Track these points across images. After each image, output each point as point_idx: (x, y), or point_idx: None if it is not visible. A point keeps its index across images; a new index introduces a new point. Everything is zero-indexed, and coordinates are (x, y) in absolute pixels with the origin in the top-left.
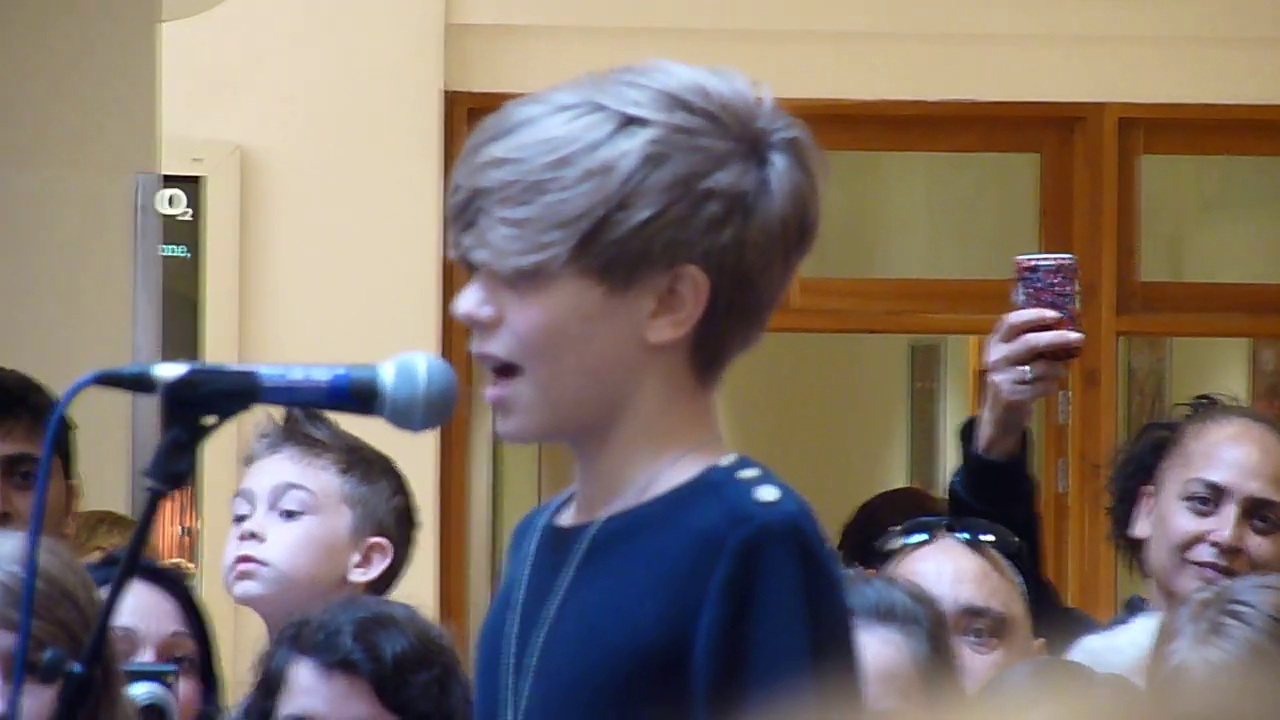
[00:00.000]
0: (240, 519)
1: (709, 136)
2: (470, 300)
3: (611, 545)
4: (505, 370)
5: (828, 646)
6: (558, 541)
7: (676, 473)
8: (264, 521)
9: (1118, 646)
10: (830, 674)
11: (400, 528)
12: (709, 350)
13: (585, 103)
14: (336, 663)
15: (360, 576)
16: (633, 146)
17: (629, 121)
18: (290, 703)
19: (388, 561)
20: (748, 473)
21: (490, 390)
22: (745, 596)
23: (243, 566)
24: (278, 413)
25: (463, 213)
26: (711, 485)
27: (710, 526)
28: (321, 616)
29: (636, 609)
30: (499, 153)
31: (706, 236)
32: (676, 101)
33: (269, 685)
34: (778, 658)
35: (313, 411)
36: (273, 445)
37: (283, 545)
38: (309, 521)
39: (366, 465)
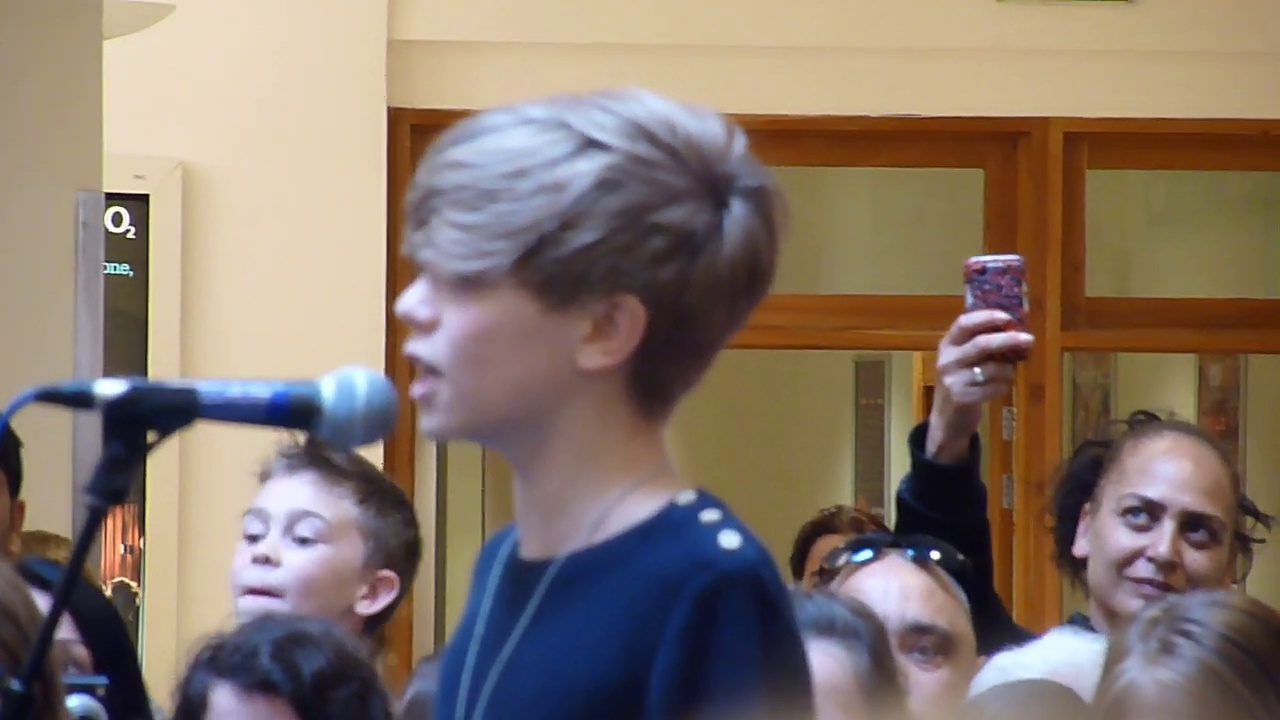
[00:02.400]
0: (252, 538)
1: (667, 171)
2: (411, 299)
3: (571, 585)
4: (430, 370)
5: (782, 697)
6: (519, 575)
7: (631, 507)
8: (278, 545)
9: (1027, 664)
10: None
11: (408, 561)
12: (647, 384)
13: (552, 120)
14: (256, 684)
15: (366, 609)
16: (589, 169)
17: (590, 144)
18: None
19: (393, 595)
20: (709, 515)
21: (416, 386)
22: (702, 643)
23: (251, 600)
24: (299, 434)
25: (417, 210)
26: (671, 526)
27: (670, 570)
28: (237, 638)
29: (594, 649)
30: (459, 156)
31: (648, 269)
32: (641, 131)
33: (189, 710)
34: (731, 706)
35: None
36: (292, 467)
37: (294, 573)
38: (322, 550)
39: (382, 496)
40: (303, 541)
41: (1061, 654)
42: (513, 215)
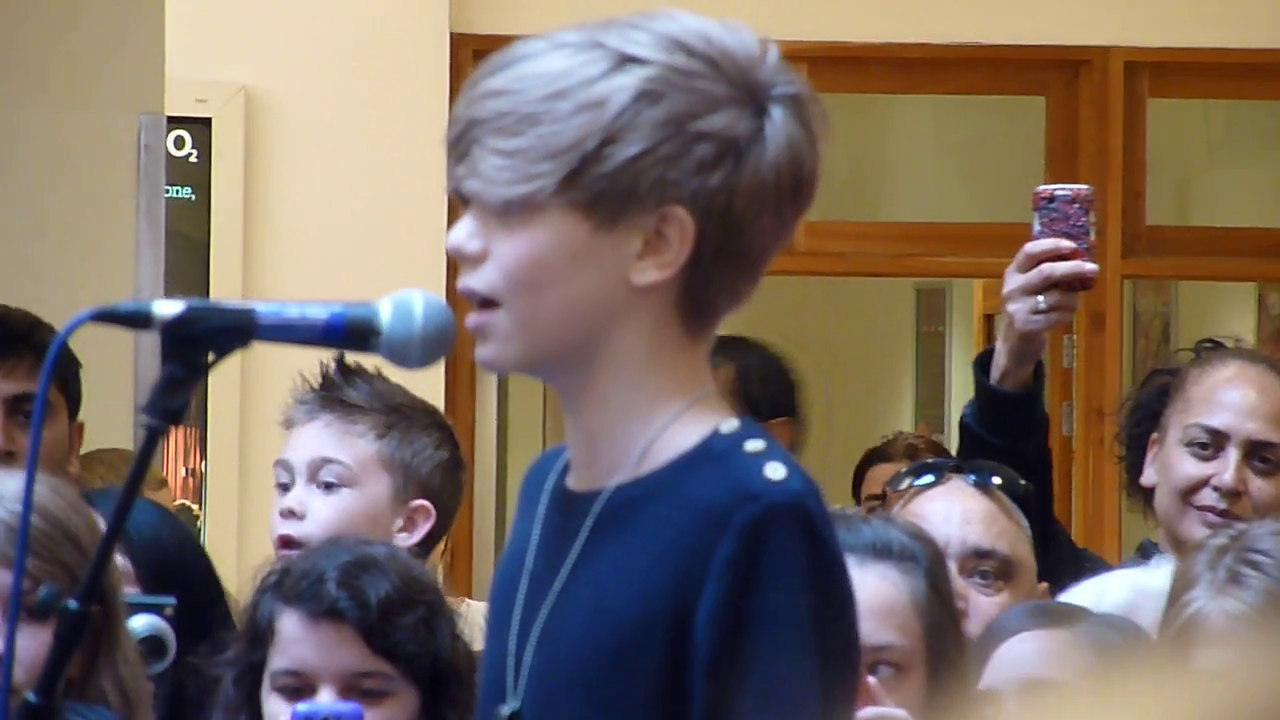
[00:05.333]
0: (283, 488)
1: (706, 80)
2: (459, 234)
3: (619, 517)
4: (485, 303)
5: (830, 629)
6: (567, 507)
7: (676, 435)
8: (304, 496)
9: (1155, 584)
10: (831, 657)
11: (446, 480)
12: (696, 299)
13: (586, 41)
14: (323, 611)
15: (404, 541)
16: (628, 83)
17: (627, 60)
18: (281, 656)
19: (431, 522)
20: (754, 445)
21: (471, 317)
22: (749, 575)
23: (287, 553)
24: (314, 376)
25: (458, 144)
26: (716, 455)
27: (715, 501)
28: (303, 564)
29: (641, 582)
30: (496, 85)
31: (695, 178)
32: (676, 44)
33: (257, 636)
34: (780, 639)
35: (349, 368)
36: (310, 412)
37: (321, 524)
38: (347, 495)
39: (406, 424)
40: (328, 487)
41: (1128, 590)
42: (555, 136)
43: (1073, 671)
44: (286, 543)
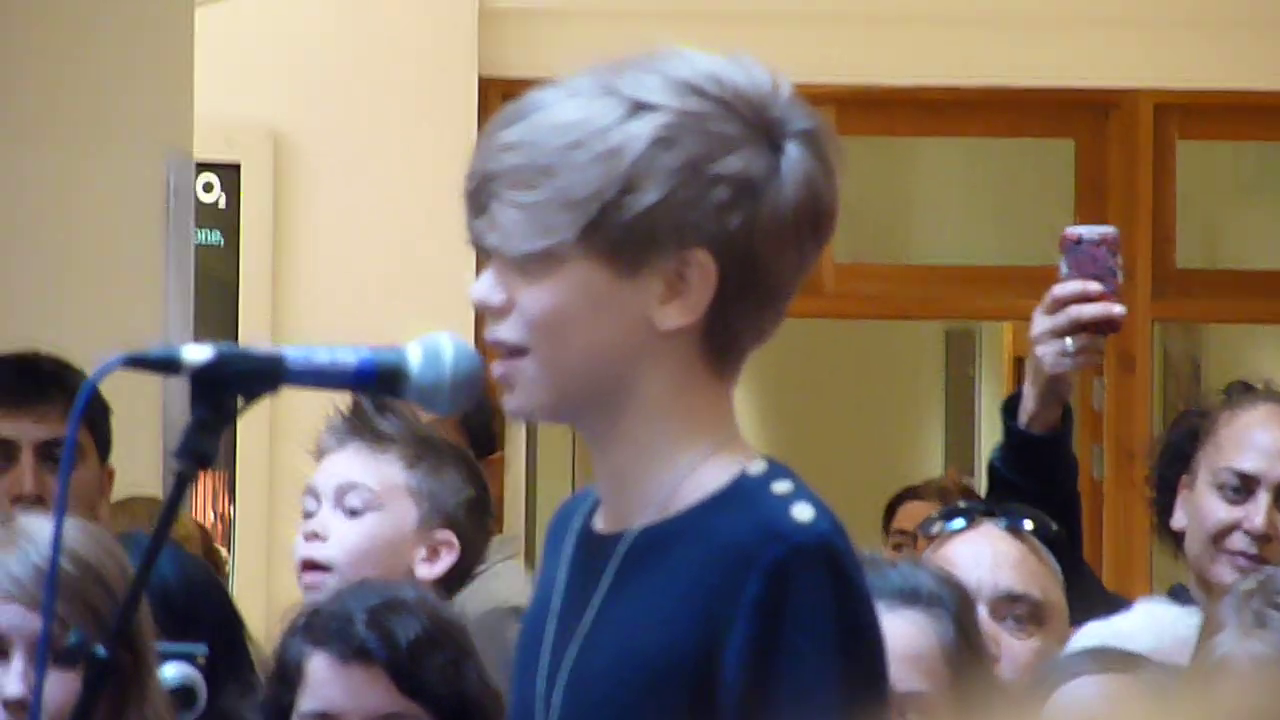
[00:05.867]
0: (308, 515)
1: (719, 122)
2: (483, 286)
3: (645, 558)
4: (514, 351)
5: (858, 669)
6: (593, 548)
7: (703, 477)
8: (327, 520)
9: (1125, 634)
10: (860, 697)
11: (473, 519)
12: (721, 339)
13: (598, 88)
14: (352, 653)
15: (426, 571)
16: (642, 130)
17: (640, 106)
18: (310, 698)
19: (455, 555)
20: (781, 486)
21: (497, 366)
22: (776, 616)
23: (308, 577)
24: (346, 405)
25: (475, 198)
26: (744, 496)
27: (742, 542)
28: (332, 605)
29: (668, 621)
30: (510, 138)
31: (714, 220)
32: (688, 87)
33: (285, 678)
34: (808, 679)
35: (382, 402)
36: (339, 440)
37: (344, 545)
38: (371, 519)
39: (435, 457)
40: (353, 513)
41: (1162, 627)
42: (572, 187)
43: (1133, 717)
44: (309, 565)
